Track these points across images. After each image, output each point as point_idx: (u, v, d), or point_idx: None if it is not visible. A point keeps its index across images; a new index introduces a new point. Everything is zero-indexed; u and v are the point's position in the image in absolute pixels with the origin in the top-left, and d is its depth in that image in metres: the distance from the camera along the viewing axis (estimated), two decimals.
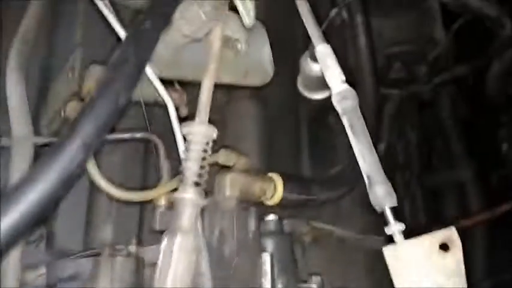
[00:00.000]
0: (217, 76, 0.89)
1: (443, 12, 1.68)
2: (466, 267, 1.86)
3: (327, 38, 1.65)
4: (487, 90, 1.55)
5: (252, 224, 1.04)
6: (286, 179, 1.20)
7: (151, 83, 0.81)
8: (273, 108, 1.68)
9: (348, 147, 1.71)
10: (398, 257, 0.64)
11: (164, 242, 0.76)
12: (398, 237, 0.66)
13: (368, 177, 0.67)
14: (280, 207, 1.26)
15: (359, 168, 1.44)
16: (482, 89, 1.86)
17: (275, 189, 1.17)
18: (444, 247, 0.65)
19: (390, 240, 0.71)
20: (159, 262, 0.75)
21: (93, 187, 1.12)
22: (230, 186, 1.05)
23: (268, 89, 1.64)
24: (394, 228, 0.65)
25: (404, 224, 1.95)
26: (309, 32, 0.84)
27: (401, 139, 2.02)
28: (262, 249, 1.05)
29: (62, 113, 1.10)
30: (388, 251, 0.65)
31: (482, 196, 1.86)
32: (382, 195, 0.66)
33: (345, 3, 1.46)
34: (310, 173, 1.72)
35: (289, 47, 1.74)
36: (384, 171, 1.66)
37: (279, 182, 1.18)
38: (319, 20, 1.27)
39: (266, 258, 0.98)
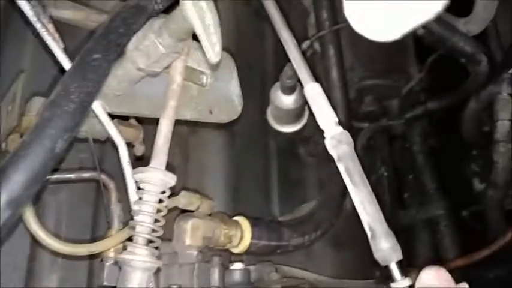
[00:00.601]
0: (179, 113, 0.78)
1: (416, 46, 1.64)
2: None
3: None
4: (462, 128, 1.51)
5: (215, 277, 0.93)
6: (254, 223, 1.09)
7: (99, 120, 0.70)
8: (241, 140, 1.57)
9: (319, 183, 1.63)
10: None
11: None
12: None
13: (370, 228, 0.60)
14: (248, 254, 1.16)
15: (332, 206, 1.37)
16: (452, 123, 1.83)
17: (242, 236, 1.06)
18: None
19: None
20: None
21: None
22: (191, 234, 0.93)
23: (236, 118, 1.55)
24: (401, 284, 0.57)
25: (378, 265, 1.85)
26: (296, 70, 0.75)
27: (372, 174, 1.96)
28: None
29: (3, 147, 0.98)
30: None
31: (454, 234, 1.80)
32: (388, 249, 0.59)
33: (317, 35, 1.40)
34: (279, 209, 1.62)
35: (258, 75, 1.66)
36: (354, 209, 1.59)
37: (246, 227, 1.07)
38: None
39: None
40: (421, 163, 1.93)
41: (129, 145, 0.97)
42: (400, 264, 0.60)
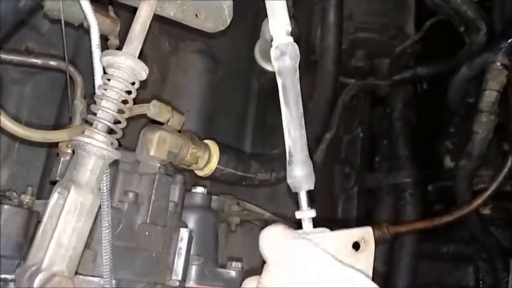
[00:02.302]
0: (161, 7, 0.72)
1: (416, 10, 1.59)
2: (390, 270, 1.78)
3: (294, 9, 1.51)
4: (449, 94, 1.48)
5: (175, 193, 0.89)
6: (223, 149, 1.05)
7: None
8: (224, 70, 1.52)
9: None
10: None
11: (54, 196, 0.59)
12: (307, 225, 0.56)
13: (289, 153, 0.56)
14: (211, 180, 1.12)
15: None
16: (434, 96, 1.81)
17: (209, 159, 1.02)
18: (357, 246, 0.56)
19: None
20: (43, 220, 0.58)
21: None
22: (157, 146, 0.89)
23: (221, 47, 1.48)
24: (305, 214, 0.55)
25: (336, 219, 1.84)
26: None
27: (348, 132, 1.94)
28: (182, 224, 0.90)
29: None
30: None
31: (418, 205, 1.81)
32: (301, 177, 0.57)
33: None
34: (250, 150, 1.59)
35: (252, 11, 1.58)
36: (325, 162, 1.57)
37: (215, 151, 1.04)
38: None
39: (184, 234, 0.83)
40: (397, 130, 1.91)
41: (104, 38, 0.91)
42: (309, 193, 0.57)
